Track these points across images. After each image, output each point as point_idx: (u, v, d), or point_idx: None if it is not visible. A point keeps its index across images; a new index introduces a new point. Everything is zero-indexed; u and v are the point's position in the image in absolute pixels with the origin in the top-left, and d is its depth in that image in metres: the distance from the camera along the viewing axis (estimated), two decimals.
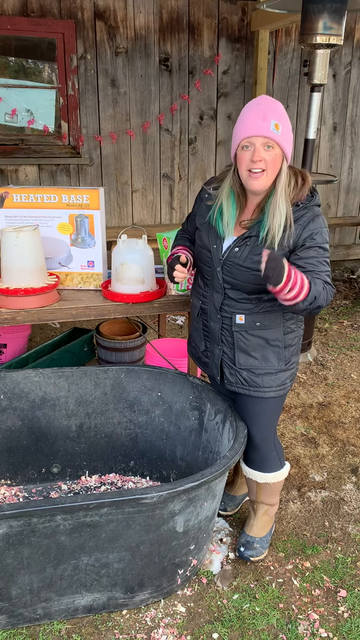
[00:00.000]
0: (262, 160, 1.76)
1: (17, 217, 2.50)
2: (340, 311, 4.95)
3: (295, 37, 5.06)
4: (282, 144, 1.77)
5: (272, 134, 1.74)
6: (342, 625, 1.99)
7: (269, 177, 1.79)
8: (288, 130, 1.79)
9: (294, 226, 1.81)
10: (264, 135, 1.74)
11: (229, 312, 1.96)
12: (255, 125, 1.74)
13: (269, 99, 1.81)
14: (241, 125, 1.77)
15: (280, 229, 1.79)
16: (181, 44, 4.78)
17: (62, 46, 4.52)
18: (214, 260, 1.93)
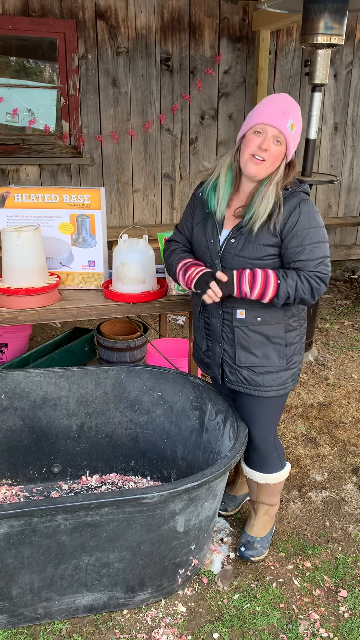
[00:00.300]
0: (268, 150, 1.81)
1: (18, 216, 2.51)
2: (341, 311, 4.95)
3: (296, 37, 5.05)
4: (289, 144, 1.84)
5: (286, 130, 1.80)
6: (342, 625, 1.99)
7: (267, 168, 1.84)
8: (298, 134, 1.88)
9: (285, 209, 1.85)
10: (278, 129, 1.80)
11: (230, 307, 1.96)
12: (275, 116, 1.80)
13: (293, 100, 1.88)
14: (261, 111, 1.82)
15: (265, 214, 1.84)
16: (182, 44, 4.78)
17: (63, 46, 4.52)
18: (212, 254, 1.95)
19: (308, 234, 1.84)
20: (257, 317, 1.94)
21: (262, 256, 1.87)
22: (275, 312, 1.95)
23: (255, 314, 1.94)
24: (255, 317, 1.94)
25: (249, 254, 1.87)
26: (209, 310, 2.04)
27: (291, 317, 1.99)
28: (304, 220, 1.84)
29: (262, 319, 1.94)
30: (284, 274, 1.85)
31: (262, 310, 1.94)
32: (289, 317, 1.99)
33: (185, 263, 2.00)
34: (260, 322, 1.95)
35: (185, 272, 1.97)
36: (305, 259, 1.84)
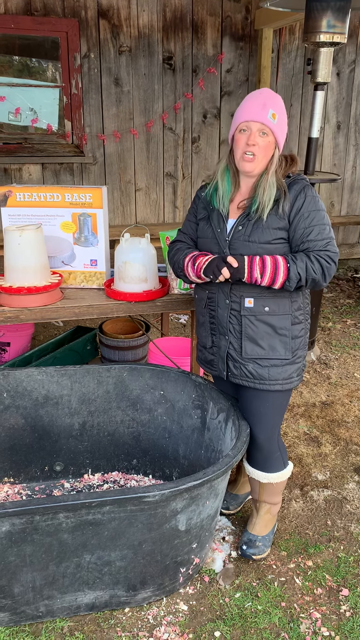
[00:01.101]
0: (256, 144, 1.88)
1: (21, 215, 2.51)
2: (344, 310, 4.95)
3: (299, 36, 5.05)
4: (276, 132, 1.89)
5: (268, 121, 1.87)
6: (344, 624, 1.99)
7: (260, 162, 1.91)
8: (283, 121, 1.92)
9: (287, 195, 1.92)
10: (261, 122, 1.87)
11: (238, 295, 1.98)
12: (255, 111, 1.87)
13: (270, 91, 1.94)
14: (241, 110, 1.91)
15: (271, 201, 1.90)
16: (185, 43, 4.78)
17: (66, 45, 4.52)
18: (220, 243, 1.98)
19: (316, 215, 1.91)
20: (265, 306, 1.97)
21: (271, 239, 1.91)
22: (283, 302, 1.98)
23: (264, 302, 1.96)
24: (264, 306, 1.97)
25: (258, 237, 1.91)
26: (215, 301, 2.04)
27: (297, 310, 2.02)
28: (310, 203, 1.92)
29: (270, 309, 1.97)
30: (292, 257, 1.90)
31: (270, 300, 1.96)
32: (295, 310, 2.01)
33: (193, 255, 2.03)
34: (268, 312, 1.97)
35: (195, 262, 2.00)
36: (314, 239, 1.90)
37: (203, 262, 1.97)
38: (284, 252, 1.94)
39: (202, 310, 2.13)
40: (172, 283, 2.54)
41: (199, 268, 1.97)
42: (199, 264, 1.98)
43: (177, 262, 2.09)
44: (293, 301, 2.00)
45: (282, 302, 1.98)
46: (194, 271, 2.00)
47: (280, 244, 1.93)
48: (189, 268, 2.02)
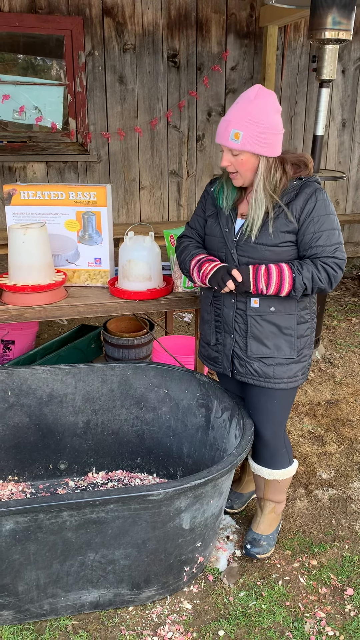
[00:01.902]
0: (230, 164, 1.88)
1: (25, 214, 2.51)
2: (349, 309, 4.93)
3: (304, 33, 5.02)
4: (244, 149, 1.83)
5: (230, 143, 1.84)
6: (348, 623, 1.98)
7: (244, 177, 1.91)
8: (256, 131, 1.81)
9: (299, 197, 1.88)
10: (226, 145, 1.85)
11: (244, 295, 1.97)
12: (220, 134, 1.87)
13: (248, 98, 1.83)
14: (217, 129, 1.89)
15: (259, 221, 1.88)
16: (189, 40, 4.77)
17: (70, 43, 4.52)
18: (227, 243, 1.97)
19: (325, 220, 1.88)
20: (271, 306, 1.96)
21: (279, 243, 1.89)
22: (289, 302, 1.97)
23: (269, 303, 1.96)
24: (269, 306, 1.96)
25: (265, 240, 1.90)
26: (220, 300, 2.04)
27: (303, 309, 2.01)
28: (320, 208, 1.88)
29: (276, 309, 1.96)
30: (299, 266, 1.87)
31: (276, 300, 1.96)
32: (301, 309, 2.01)
33: (199, 259, 2.02)
34: (274, 312, 1.96)
35: (200, 269, 2.00)
36: (322, 244, 1.87)
37: (208, 270, 1.96)
38: (292, 255, 1.92)
39: (207, 308, 2.12)
40: (177, 281, 2.54)
41: (204, 276, 1.97)
42: (204, 271, 1.97)
43: (184, 263, 2.09)
44: (299, 301, 1.99)
45: (288, 302, 1.97)
46: (200, 278, 2.00)
47: (288, 246, 1.91)
48: (195, 273, 2.02)
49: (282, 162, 1.90)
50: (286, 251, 1.91)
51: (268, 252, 1.90)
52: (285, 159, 1.91)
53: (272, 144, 1.85)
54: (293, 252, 1.93)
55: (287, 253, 1.91)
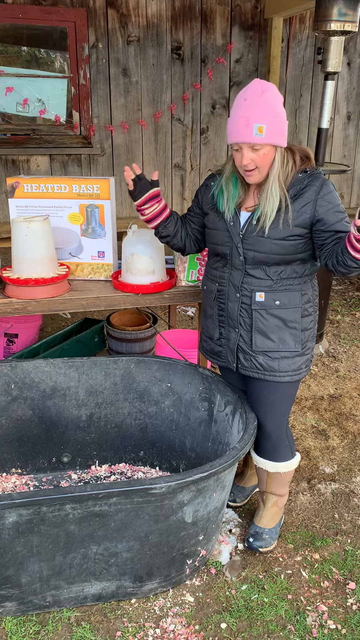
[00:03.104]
0: (251, 161, 1.83)
1: (28, 207, 2.50)
2: (353, 303, 4.91)
3: (309, 24, 4.98)
4: (269, 142, 1.81)
5: (255, 139, 1.79)
6: (350, 617, 1.98)
7: (262, 172, 1.87)
8: (275, 123, 1.80)
9: (308, 190, 1.87)
10: (247, 142, 1.80)
11: (249, 289, 1.96)
12: (239, 132, 1.80)
13: (255, 91, 1.80)
14: (229, 129, 1.84)
15: (273, 212, 1.87)
16: (193, 32, 4.73)
17: (74, 35, 4.49)
18: (232, 237, 1.95)
19: (339, 209, 1.88)
20: (276, 300, 1.95)
21: (287, 236, 1.88)
22: (294, 296, 1.97)
23: (275, 296, 1.95)
24: (274, 300, 1.95)
25: (274, 233, 1.89)
26: (225, 294, 2.03)
27: (307, 302, 2.01)
28: (335, 198, 1.89)
29: (281, 302, 1.95)
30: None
31: (281, 294, 1.95)
32: (305, 302, 2.00)
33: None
34: (279, 306, 1.96)
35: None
36: (345, 230, 1.85)
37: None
38: (298, 249, 1.91)
39: (210, 303, 2.11)
40: (180, 275, 2.53)
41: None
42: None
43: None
44: (303, 294, 1.99)
45: (293, 296, 1.97)
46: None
47: (295, 240, 1.90)
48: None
49: (292, 153, 1.90)
50: (293, 245, 1.90)
51: (275, 245, 1.89)
52: (293, 150, 1.91)
53: (285, 134, 1.87)
54: (300, 246, 1.91)
55: (294, 247, 1.90)
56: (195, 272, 2.52)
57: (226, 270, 2.01)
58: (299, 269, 1.96)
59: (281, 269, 1.93)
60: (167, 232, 2.15)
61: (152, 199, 2.10)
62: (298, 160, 1.90)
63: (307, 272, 2.00)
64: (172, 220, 2.15)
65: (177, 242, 2.19)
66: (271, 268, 1.93)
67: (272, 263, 1.92)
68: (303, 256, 1.94)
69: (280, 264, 1.93)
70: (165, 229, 2.15)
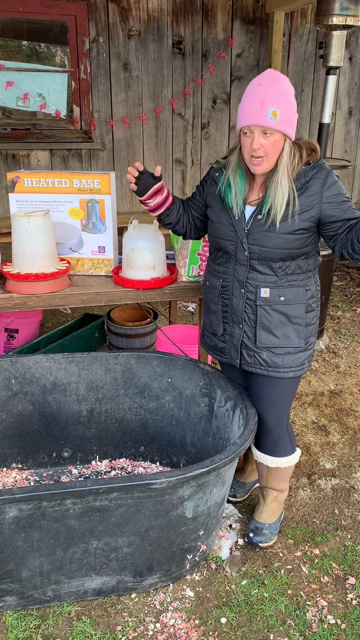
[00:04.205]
0: (261, 147, 1.80)
1: (28, 201, 2.50)
2: (354, 299, 4.91)
3: (311, 19, 4.95)
4: (280, 129, 1.79)
5: (269, 122, 1.76)
6: (350, 612, 1.99)
7: (270, 161, 1.85)
8: (288, 111, 1.80)
9: (313, 183, 1.86)
10: (261, 125, 1.77)
11: (254, 285, 1.96)
12: (253, 114, 1.77)
13: (272, 78, 1.80)
14: (241, 112, 1.81)
15: (282, 206, 1.85)
16: (194, 27, 4.71)
17: (75, 29, 4.47)
18: (237, 231, 1.94)
19: (345, 198, 1.89)
20: (281, 296, 1.95)
21: (293, 230, 1.88)
22: (298, 291, 1.96)
23: (279, 292, 1.95)
24: (279, 295, 1.95)
25: (280, 228, 1.87)
26: (229, 290, 2.02)
27: (311, 298, 2.01)
28: (340, 188, 1.89)
29: (286, 298, 1.95)
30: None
31: (286, 289, 1.95)
32: (309, 298, 2.00)
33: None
34: (284, 302, 1.95)
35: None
36: (356, 217, 1.87)
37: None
38: (304, 243, 1.91)
39: (214, 299, 2.10)
40: (181, 270, 2.53)
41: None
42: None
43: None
44: (307, 289, 1.98)
45: (297, 291, 1.96)
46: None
47: (302, 234, 1.89)
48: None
49: (298, 147, 1.89)
50: (299, 239, 1.89)
51: (281, 240, 1.88)
52: (299, 145, 1.90)
53: (295, 126, 1.85)
54: (305, 240, 1.91)
55: (300, 241, 1.90)
56: (196, 267, 2.51)
57: (230, 266, 2.01)
58: (303, 264, 1.96)
59: (286, 264, 1.93)
60: (170, 220, 2.16)
61: (155, 193, 2.09)
62: (305, 155, 1.89)
63: (310, 267, 1.99)
64: (174, 208, 2.15)
65: (179, 229, 2.21)
66: (276, 263, 1.92)
67: (278, 258, 1.91)
68: (307, 250, 1.94)
69: (285, 259, 1.92)
70: (167, 217, 2.16)
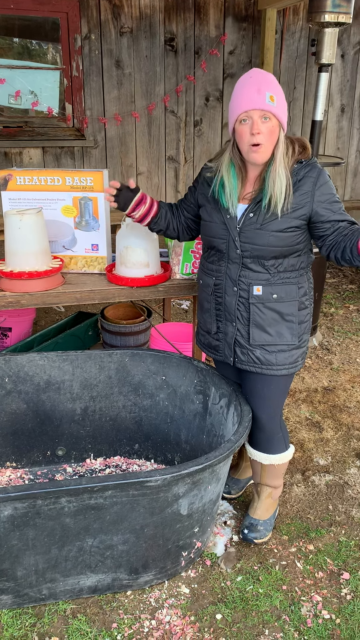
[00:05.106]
0: (261, 132, 1.81)
1: (21, 199, 2.49)
2: (347, 296, 4.93)
3: (303, 16, 4.96)
4: (278, 114, 1.82)
5: (268, 106, 1.79)
6: (344, 607, 2.00)
7: (268, 148, 1.84)
8: (282, 100, 1.85)
9: (305, 182, 1.87)
10: (260, 109, 1.78)
11: (247, 283, 1.96)
12: (252, 99, 1.79)
13: (261, 71, 1.85)
14: (238, 100, 1.83)
15: (282, 195, 1.85)
16: (187, 24, 4.70)
17: (66, 26, 4.45)
18: (230, 230, 1.94)
19: (335, 199, 1.90)
20: (274, 293, 1.95)
21: (285, 228, 1.88)
22: (291, 289, 1.97)
23: (272, 290, 1.95)
24: (272, 293, 1.95)
25: (271, 226, 1.88)
26: (222, 288, 2.03)
27: (303, 295, 2.01)
28: (331, 189, 1.91)
29: (278, 296, 1.96)
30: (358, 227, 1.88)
31: (278, 287, 1.95)
32: (302, 295, 2.00)
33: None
34: (276, 299, 1.96)
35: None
36: (342, 219, 1.90)
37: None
38: (295, 241, 1.91)
39: (207, 297, 2.10)
40: (174, 268, 2.53)
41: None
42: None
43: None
44: (300, 287, 1.99)
45: (290, 289, 1.97)
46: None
47: (293, 232, 1.89)
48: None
49: (290, 141, 1.91)
50: (291, 237, 1.90)
51: (273, 237, 1.88)
52: (291, 139, 1.91)
53: (287, 118, 1.88)
54: (297, 238, 1.91)
55: (292, 239, 1.90)
56: (190, 265, 2.51)
57: (222, 264, 2.01)
58: (296, 261, 1.96)
59: (279, 262, 1.93)
60: (159, 227, 2.17)
61: (138, 204, 2.10)
62: (297, 149, 1.90)
63: (303, 264, 2.00)
64: (161, 215, 2.15)
65: (170, 233, 2.21)
66: (269, 261, 1.92)
67: (270, 256, 1.91)
68: (299, 248, 1.94)
69: (277, 257, 1.92)
70: (156, 225, 2.16)
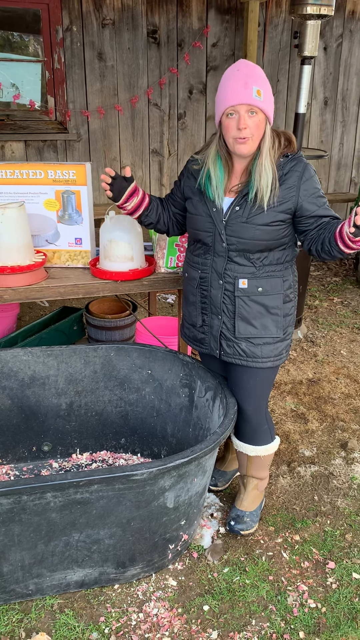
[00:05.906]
0: (247, 127, 1.80)
1: (3, 193, 2.46)
2: (331, 288, 4.96)
3: (285, 8, 4.95)
4: (264, 109, 1.82)
5: (254, 100, 1.78)
6: (330, 596, 2.02)
7: (254, 141, 1.85)
8: (269, 93, 1.84)
9: (291, 176, 1.87)
10: (247, 103, 1.78)
11: (232, 276, 1.96)
12: (238, 94, 1.78)
13: (248, 64, 1.84)
14: (224, 94, 1.81)
15: (268, 188, 1.85)
16: (169, 16, 4.67)
17: (47, 17, 4.40)
18: (215, 223, 1.94)
19: (320, 194, 1.90)
20: (259, 287, 1.96)
21: (270, 222, 1.88)
22: (276, 282, 1.97)
23: (257, 283, 1.95)
24: (257, 286, 1.96)
25: (257, 219, 1.88)
26: (208, 281, 2.02)
27: (288, 289, 2.02)
28: (316, 183, 1.91)
29: (263, 289, 1.96)
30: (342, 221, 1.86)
31: (263, 280, 1.96)
32: (286, 288, 2.01)
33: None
34: (261, 292, 1.96)
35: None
36: (326, 214, 1.90)
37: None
38: (281, 235, 1.92)
39: (192, 290, 2.10)
40: (159, 262, 2.52)
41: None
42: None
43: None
44: (285, 280, 2.00)
45: (275, 282, 1.97)
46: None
47: (278, 226, 1.90)
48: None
49: (276, 134, 1.90)
50: (276, 231, 1.90)
51: (259, 231, 1.88)
52: (277, 132, 1.91)
53: (273, 112, 1.87)
54: (282, 232, 1.92)
55: (277, 233, 1.90)
56: (175, 258, 2.51)
57: (208, 257, 2.01)
58: (281, 255, 1.97)
59: (264, 255, 1.93)
60: (150, 220, 2.15)
61: (131, 195, 2.08)
62: (282, 143, 1.90)
63: (287, 258, 2.00)
64: (152, 208, 2.13)
65: (161, 227, 2.20)
66: (254, 255, 1.93)
67: (255, 250, 1.92)
68: (284, 241, 1.95)
69: (263, 251, 1.92)
70: (147, 217, 2.15)
